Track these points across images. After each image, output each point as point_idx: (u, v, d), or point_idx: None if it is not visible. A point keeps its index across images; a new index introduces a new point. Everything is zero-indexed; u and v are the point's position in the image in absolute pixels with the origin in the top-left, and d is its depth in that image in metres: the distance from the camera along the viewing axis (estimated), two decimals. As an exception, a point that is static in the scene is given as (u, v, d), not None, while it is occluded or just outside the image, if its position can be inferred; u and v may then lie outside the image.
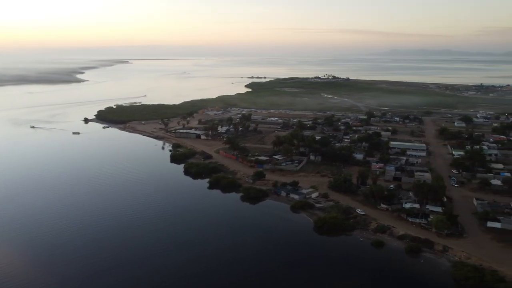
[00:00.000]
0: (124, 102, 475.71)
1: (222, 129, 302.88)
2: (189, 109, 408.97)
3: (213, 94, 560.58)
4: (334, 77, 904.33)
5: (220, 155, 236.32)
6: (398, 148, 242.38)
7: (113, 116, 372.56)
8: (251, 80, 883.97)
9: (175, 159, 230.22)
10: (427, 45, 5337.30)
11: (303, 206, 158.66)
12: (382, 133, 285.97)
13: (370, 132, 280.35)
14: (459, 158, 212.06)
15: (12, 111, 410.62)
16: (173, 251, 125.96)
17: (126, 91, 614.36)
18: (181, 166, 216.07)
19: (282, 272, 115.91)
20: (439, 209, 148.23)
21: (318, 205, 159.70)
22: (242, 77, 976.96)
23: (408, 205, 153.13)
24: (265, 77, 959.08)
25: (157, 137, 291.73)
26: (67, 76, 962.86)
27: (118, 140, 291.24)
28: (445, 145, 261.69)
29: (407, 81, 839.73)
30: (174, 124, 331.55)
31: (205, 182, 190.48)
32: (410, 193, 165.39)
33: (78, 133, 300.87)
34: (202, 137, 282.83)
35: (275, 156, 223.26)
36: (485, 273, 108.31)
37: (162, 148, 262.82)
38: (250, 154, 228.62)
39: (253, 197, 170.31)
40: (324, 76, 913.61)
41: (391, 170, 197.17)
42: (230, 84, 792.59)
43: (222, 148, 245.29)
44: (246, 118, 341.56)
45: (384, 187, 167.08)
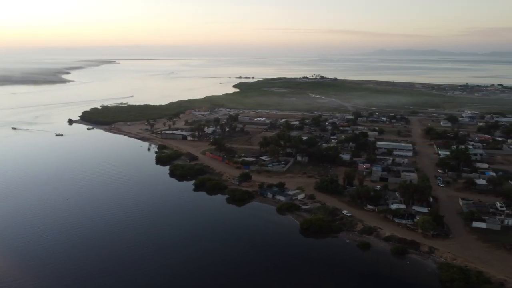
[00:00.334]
0: (110, 103, 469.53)
1: (209, 130, 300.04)
2: (176, 110, 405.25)
3: (201, 95, 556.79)
4: (322, 77, 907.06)
5: (206, 157, 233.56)
6: (385, 148, 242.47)
7: (98, 117, 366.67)
8: (239, 80, 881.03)
9: (160, 161, 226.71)
10: (414, 45, 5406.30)
11: (289, 208, 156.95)
12: (369, 133, 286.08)
13: (357, 132, 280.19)
14: (445, 158, 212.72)
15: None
16: (156, 255, 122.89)
17: (113, 92, 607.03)
18: (167, 168, 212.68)
19: (267, 275, 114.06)
20: (425, 210, 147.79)
21: (305, 207, 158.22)
22: (230, 77, 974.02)
23: (395, 206, 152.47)
24: (253, 77, 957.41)
25: (143, 139, 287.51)
26: (52, 77, 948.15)
27: (103, 142, 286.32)
28: (431, 145, 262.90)
29: (394, 81, 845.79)
30: (160, 125, 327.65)
31: (191, 184, 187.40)
32: (397, 194, 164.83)
33: (61, 135, 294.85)
34: (189, 138, 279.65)
35: (262, 157, 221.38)
36: (471, 275, 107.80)
37: (148, 150, 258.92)
38: (237, 155, 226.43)
39: (239, 199, 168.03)
40: (312, 76, 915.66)
41: (378, 171, 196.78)
42: (218, 84, 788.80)
43: (208, 149, 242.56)
44: (233, 119, 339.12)
45: (371, 188, 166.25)
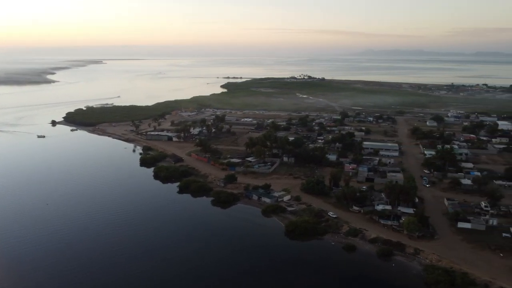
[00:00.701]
0: (96, 104, 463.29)
1: (195, 131, 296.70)
2: (162, 111, 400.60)
3: (188, 95, 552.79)
4: (310, 77, 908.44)
5: (192, 158, 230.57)
6: (371, 148, 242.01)
7: (83, 118, 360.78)
8: (227, 81, 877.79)
9: (145, 163, 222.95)
10: (401, 46, 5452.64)
11: (275, 210, 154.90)
12: (356, 133, 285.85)
13: (344, 133, 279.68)
14: (431, 158, 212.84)
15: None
16: (139, 259, 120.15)
17: (99, 92, 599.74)
18: (151, 170, 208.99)
19: (251, 278, 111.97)
20: (411, 211, 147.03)
21: (290, 209, 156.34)
22: (218, 77, 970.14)
23: (380, 207, 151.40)
24: (241, 77, 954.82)
25: (128, 140, 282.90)
26: (37, 77, 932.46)
27: (86, 143, 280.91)
28: (417, 145, 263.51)
29: (381, 81, 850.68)
30: (146, 126, 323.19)
31: (175, 187, 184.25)
32: (382, 194, 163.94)
33: (43, 136, 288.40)
34: (174, 139, 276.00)
35: (248, 158, 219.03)
36: (456, 276, 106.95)
37: (133, 151, 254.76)
38: (222, 157, 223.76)
39: (224, 201, 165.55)
40: (300, 76, 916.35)
41: (364, 171, 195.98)
42: (206, 85, 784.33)
43: (194, 151, 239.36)
44: (220, 119, 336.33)
45: (357, 189, 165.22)
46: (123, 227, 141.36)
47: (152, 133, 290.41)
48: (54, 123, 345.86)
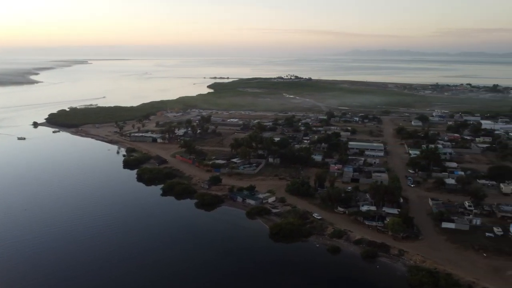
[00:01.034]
0: (80, 105, 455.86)
1: (180, 132, 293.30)
2: (148, 111, 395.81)
3: (174, 95, 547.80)
4: (297, 77, 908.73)
5: (176, 160, 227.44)
6: (357, 149, 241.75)
7: (65, 120, 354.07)
8: (214, 81, 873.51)
9: (128, 165, 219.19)
10: (387, 46, 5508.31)
11: (259, 212, 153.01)
12: (342, 133, 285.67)
13: (330, 133, 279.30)
14: (415, 158, 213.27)
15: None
16: (120, 263, 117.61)
17: (84, 93, 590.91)
18: (134, 172, 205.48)
19: (235, 281, 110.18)
20: (395, 211, 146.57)
21: (275, 210, 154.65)
22: (205, 78, 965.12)
23: (365, 208, 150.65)
24: (228, 78, 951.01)
25: (111, 141, 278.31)
26: (20, 77, 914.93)
27: (68, 145, 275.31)
28: (402, 145, 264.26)
29: (368, 81, 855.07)
30: (130, 127, 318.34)
31: (159, 189, 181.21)
32: (367, 195, 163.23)
33: (24, 138, 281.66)
34: (159, 141, 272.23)
35: (233, 160, 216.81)
36: (440, 277, 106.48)
37: (117, 153, 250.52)
38: (207, 158, 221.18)
39: (208, 204, 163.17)
40: (287, 76, 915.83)
41: (349, 171, 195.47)
42: (192, 85, 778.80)
43: (178, 152, 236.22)
44: (206, 120, 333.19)
45: (342, 190, 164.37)
46: (104, 232, 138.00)
47: (136, 135, 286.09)
48: (36, 125, 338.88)
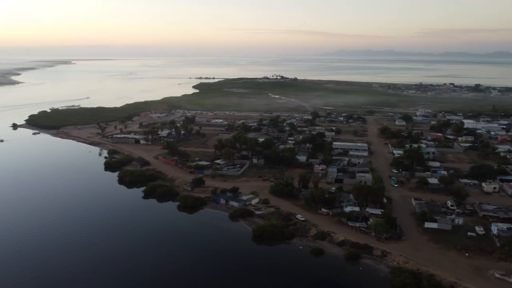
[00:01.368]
0: (62, 106, 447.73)
1: (163, 133, 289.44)
2: (131, 112, 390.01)
3: (159, 96, 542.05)
4: (282, 77, 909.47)
5: (159, 161, 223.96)
6: (341, 149, 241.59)
7: (46, 121, 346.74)
8: (200, 81, 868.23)
9: (110, 167, 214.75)
10: (372, 46, 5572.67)
11: (243, 214, 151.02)
12: (326, 133, 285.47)
13: (314, 133, 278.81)
14: (399, 157, 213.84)
15: None
16: (99, 268, 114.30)
17: (67, 94, 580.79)
18: (116, 175, 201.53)
19: (216, 286, 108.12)
20: (379, 212, 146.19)
21: (258, 212, 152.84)
22: (191, 78, 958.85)
23: (349, 209, 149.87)
24: (214, 78, 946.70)
25: (93, 143, 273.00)
26: (0, 78, 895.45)
27: (48, 147, 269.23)
28: (386, 144, 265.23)
29: (353, 81, 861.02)
30: (113, 129, 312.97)
31: (140, 192, 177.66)
32: (351, 196, 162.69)
33: (2, 141, 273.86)
34: (142, 142, 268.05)
35: (217, 161, 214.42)
36: (422, 278, 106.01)
37: (99, 155, 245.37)
38: (190, 159, 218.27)
39: (191, 206, 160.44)
40: (273, 76, 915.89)
41: (333, 172, 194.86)
42: (177, 85, 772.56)
43: (161, 154, 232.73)
44: (190, 121, 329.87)
45: (325, 190, 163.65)
46: (83, 236, 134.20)
47: (119, 136, 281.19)
48: (15, 127, 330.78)
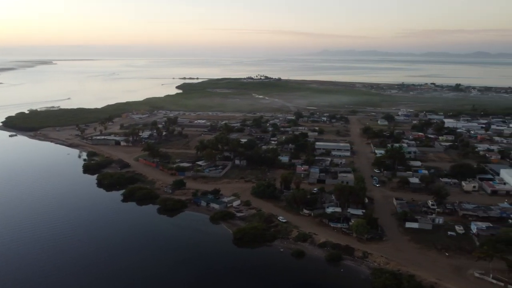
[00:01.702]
0: (41, 107, 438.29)
1: (145, 134, 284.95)
2: (113, 113, 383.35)
3: (141, 96, 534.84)
4: (267, 77, 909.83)
5: (140, 163, 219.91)
6: (323, 149, 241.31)
7: (24, 123, 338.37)
8: (183, 81, 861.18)
9: (89, 169, 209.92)
10: (356, 46, 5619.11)
11: (224, 216, 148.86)
12: (309, 134, 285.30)
13: (297, 133, 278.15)
14: (381, 157, 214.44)
15: None
16: (76, 274, 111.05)
17: (47, 94, 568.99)
18: (95, 177, 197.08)
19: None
20: (360, 212, 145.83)
21: (239, 214, 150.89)
22: (174, 78, 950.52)
23: (330, 209, 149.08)
24: (198, 78, 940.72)
25: (72, 145, 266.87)
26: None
27: (25, 150, 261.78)
28: (369, 144, 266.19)
29: (336, 81, 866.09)
30: (93, 130, 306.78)
31: (119, 195, 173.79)
32: (333, 196, 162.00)
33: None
34: (122, 144, 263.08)
35: (198, 162, 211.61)
36: (403, 279, 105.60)
37: (79, 157, 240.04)
38: (171, 161, 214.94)
39: (171, 209, 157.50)
40: (257, 77, 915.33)
41: (316, 172, 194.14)
42: (161, 86, 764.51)
43: (142, 155, 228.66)
44: (172, 122, 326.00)
45: (307, 191, 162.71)
46: (60, 241, 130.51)
47: (98, 138, 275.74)
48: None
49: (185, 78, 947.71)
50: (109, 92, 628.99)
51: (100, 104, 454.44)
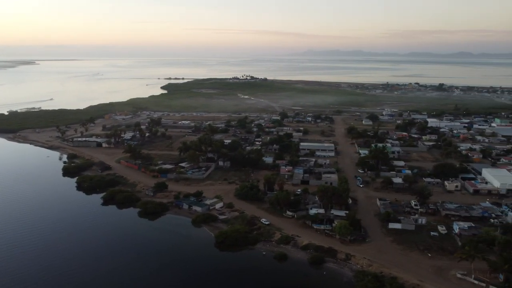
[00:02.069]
0: (21, 108, 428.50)
1: (127, 136, 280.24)
2: (95, 114, 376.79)
3: (125, 97, 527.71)
4: (252, 78, 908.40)
5: (121, 165, 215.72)
6: (308, 149, 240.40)
7: (2, 124, 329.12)
8: (168, 82, 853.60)
9: (68, 172, 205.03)
10: (341, 46, 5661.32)
11: (206, 219, 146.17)
12: (294, 134, 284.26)
13: (281, 134, 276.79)
14: (364, 157, 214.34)
15: None
16: (51, 281, 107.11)
17: (28, 95, 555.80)
18: (75, 180, 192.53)
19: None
20: (343, 213, 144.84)
21: (222, 217, 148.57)
22: (159, 78, 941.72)
23: (314, 211, 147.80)
24: (183, 78, 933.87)
25: (52, 147, 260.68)
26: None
27: (3, 152, 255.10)
28: (353, 144, 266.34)
29: (321, 81, 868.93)
30: (74, 132, 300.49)
31: (99, 198, 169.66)
32: (316, 197, 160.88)
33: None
34: (104, 145, 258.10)
35: (181, 164, 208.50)
36: (385, 282, 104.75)
37: (60, 159, 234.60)
38: (153, 163, 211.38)
39: (152, 212, 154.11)
40: (243, 77, 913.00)
41: (299, 173, 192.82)
42: (145, 86, 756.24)
43: (124, 157, 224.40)
44: (156, 123, 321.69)
45: (291, 193, 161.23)
46: (37, 246, 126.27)
47: (79, 139, 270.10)
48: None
49: (171, 78, 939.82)
50: (93, 93, 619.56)
51: (83, 105, 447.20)
